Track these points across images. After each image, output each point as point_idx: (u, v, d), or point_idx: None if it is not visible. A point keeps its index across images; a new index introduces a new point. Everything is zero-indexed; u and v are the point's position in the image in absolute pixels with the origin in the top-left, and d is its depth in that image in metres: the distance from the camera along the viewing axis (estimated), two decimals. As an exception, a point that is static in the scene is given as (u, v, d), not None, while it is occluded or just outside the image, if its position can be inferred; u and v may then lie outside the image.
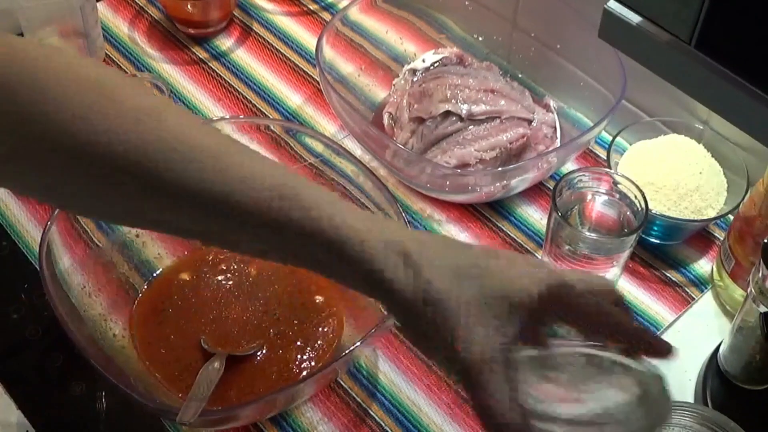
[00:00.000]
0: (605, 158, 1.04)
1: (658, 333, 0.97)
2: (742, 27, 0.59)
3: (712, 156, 1.03)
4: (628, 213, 0.91)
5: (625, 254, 0.90)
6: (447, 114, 1.06)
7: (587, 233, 0.89)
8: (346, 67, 1.13)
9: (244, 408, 0.85)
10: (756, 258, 0.81)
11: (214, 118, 1.13)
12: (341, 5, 1.26)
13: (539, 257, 1.00)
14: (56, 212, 0.90)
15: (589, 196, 0.93)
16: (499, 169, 1.04)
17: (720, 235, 1.04)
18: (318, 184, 0.67)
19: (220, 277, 0.98)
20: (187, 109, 0.65)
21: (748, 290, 0.83)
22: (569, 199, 0.92)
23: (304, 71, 1.21)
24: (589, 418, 0.62)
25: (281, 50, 1.24)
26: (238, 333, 0.94)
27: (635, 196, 0.90)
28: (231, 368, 0.90)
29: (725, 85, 0.61)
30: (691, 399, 0.92)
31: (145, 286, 0.97)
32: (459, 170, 1.03)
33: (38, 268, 0.86)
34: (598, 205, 0.94)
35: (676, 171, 1.01)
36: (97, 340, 0.88)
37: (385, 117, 1.12)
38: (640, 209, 0.89)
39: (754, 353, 0.86)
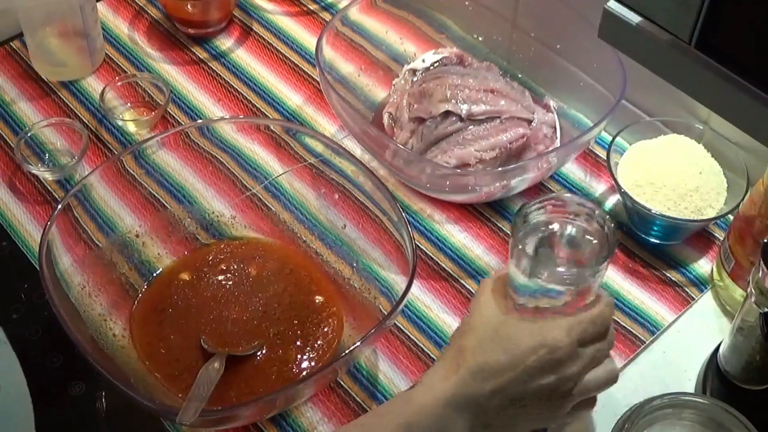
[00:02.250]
0: (605, 158, 1.04)
1: (658, 333, 0.97)
2: (742, 27, 0.59)
3: (712, 156, 1.03)
4: (594, 241, 0.80)
5: (598, 282, 0.79)
6: (447, 114, 1.06)
7: (557, 269, 0.78)
8: (346, 67, 1.13)
9: (244, 408, 0.85)
10: (756, 258, 0.81)
11: (214, 118, 1.14)
12: (341, 5, 1.26)
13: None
14: (56, 212, 0.90)
15: (552, 228, 0.82)
16: (499, 169, 1.04)
17: (720, 235, 1.04)
18: None
19: (220, 277, 0.98)
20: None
21: (748, 290, 0.83)
22: (530, 234, 0.81)
23: (304, 71, 1.21)
24: None
25: (281, 50, 1.24)
26: (238, 333, 0.94)
27: (604, 221, 0.79)
28: (231, 368, 0.90)
29: (725, 85, 0.61)
30: (691, 399, 0.92)
31: (145, 286, 0.97)
32: (459, 170, 1.03)
33: (38, 268, 0.86)
34: (563, 236, 0.82)
35: (676, 171, 1.01)
36: (97, 340, 0.88)
37: (385, 117, 1.12)
38: (607, 233, 0.79)
39: (754, 353, 0.86)
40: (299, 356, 0.92)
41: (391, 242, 0.93)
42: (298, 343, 0.93)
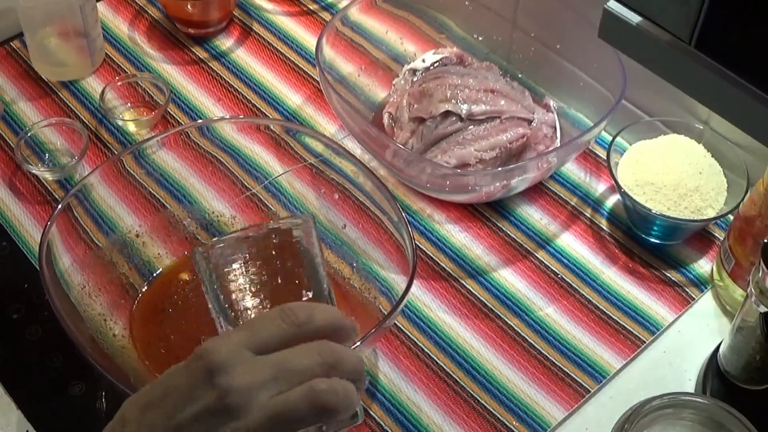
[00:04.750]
0: (605, 158, 1.04)
1: (658, 333, 0.97)
2: (742, 27, 0.59)
3: (712, 156, 1.03)
4: None
5: None
6: (447, 114, 1.06)
7: None
8: (346, 67, 1.13)
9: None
10: (756, 258, 0.81)
11: (214, 118, 1.14)
12: (341, 5, 1.26)
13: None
14: (56, 212, 0.90)
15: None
16: (499, 169, 1.04)
17: (720, 235, 1.04)
18: None
19: (220, 277, 0.98)
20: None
21: (748, 290, 0.83)
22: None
23: (304, 71, 1.21)
24: None
25: (281, 50, 1.24)
26: (238, 333, 0.94)
27: None
28: (231, 368, 0.90)
29: (725, 85, 0.61)
30: (691, 399, 0.92)
31: (145, 286, 0.97)
32: (459, 170, 1.03)
33: (38, 268, 0.86)
34: None
35: (676, 171, 1.01)
36: (97, 340, 0.88)
37: (385, 117, 1.12)
38: None
39: (754, 353, 0.86)
40: (299, 356, 0.92)
41: (391, 242, 0.93)
42: (298, 343, 0.93)
